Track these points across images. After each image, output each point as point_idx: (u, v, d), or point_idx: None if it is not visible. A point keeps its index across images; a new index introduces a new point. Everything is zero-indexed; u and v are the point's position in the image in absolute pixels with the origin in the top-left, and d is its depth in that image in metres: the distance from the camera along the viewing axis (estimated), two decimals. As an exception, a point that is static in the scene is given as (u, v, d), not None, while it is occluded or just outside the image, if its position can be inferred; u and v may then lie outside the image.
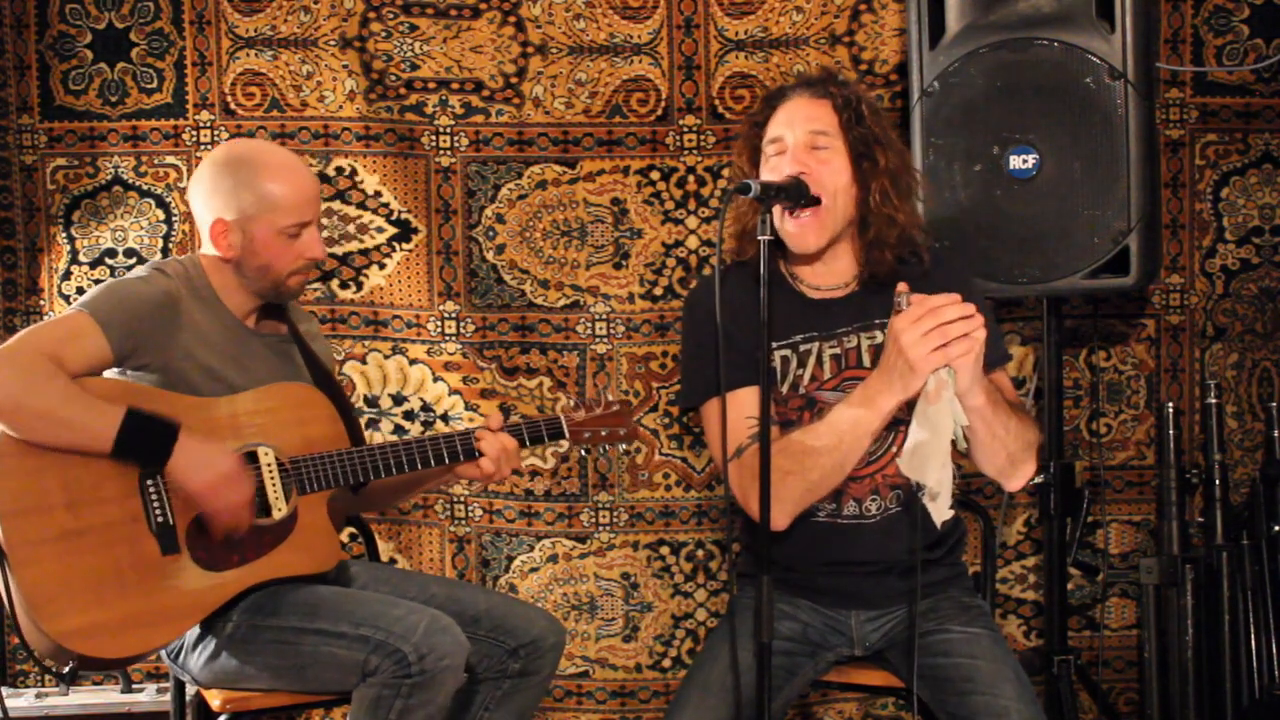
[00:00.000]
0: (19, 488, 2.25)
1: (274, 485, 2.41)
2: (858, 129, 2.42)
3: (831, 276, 2.50)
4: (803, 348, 2.46)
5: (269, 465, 2.41)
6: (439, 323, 3.36)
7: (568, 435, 2.58)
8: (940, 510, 2.21)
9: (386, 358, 3.38)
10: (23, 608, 2.25)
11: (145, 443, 2.28)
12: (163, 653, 2.51)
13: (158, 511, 2.32)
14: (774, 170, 2.42)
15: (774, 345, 2.44)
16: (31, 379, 2.23)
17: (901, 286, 2.19)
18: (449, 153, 3.36)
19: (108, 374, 2.40)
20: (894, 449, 2.42)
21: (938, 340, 2.14)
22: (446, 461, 2.51)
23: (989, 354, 2.34)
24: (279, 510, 2.41)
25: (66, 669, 2.29)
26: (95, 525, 2.28)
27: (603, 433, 2.60)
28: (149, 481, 2.31)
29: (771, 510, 2.16)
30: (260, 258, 2.48)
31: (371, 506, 2.91)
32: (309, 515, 2.45)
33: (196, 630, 2.43)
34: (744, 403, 2.39)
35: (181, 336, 2.41)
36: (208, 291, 2.50)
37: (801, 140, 2.41)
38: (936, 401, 2.17)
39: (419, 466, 2.50)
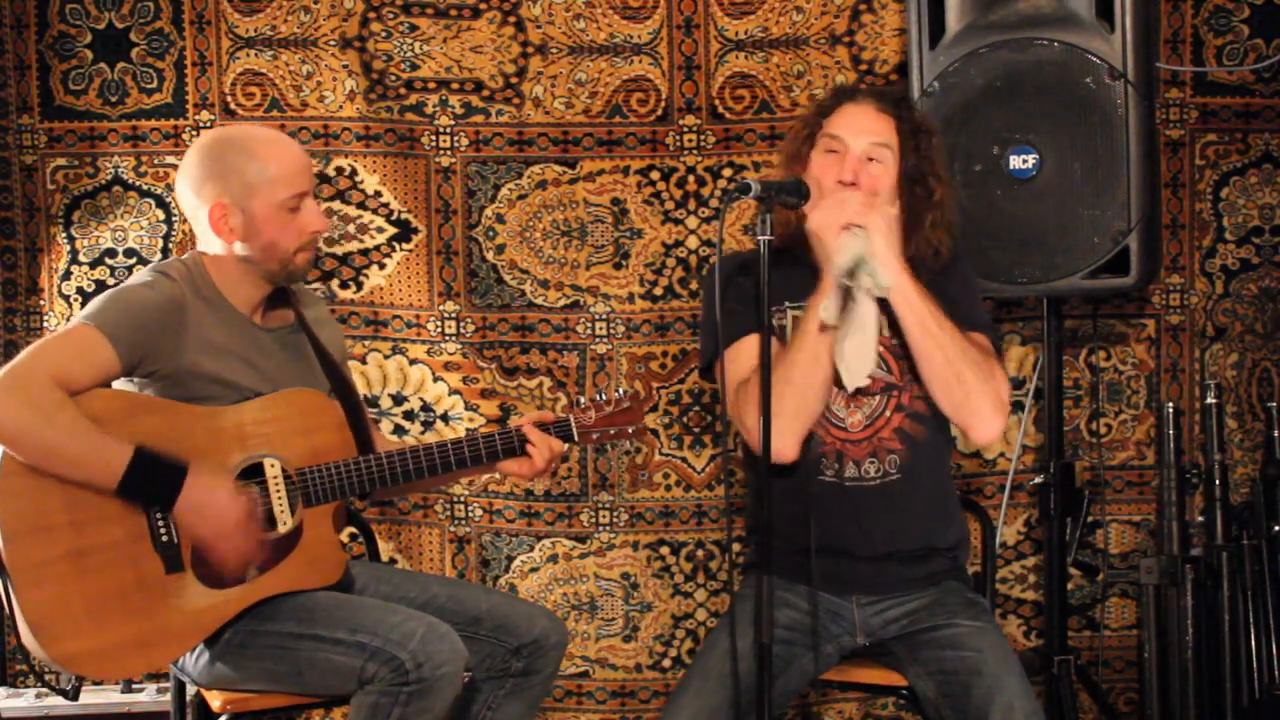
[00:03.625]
0: (23, 508, 2.23)
1: (280, 498, 2.39)
2: (914, 155, 2.56)
3: None
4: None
5: (275, 478, 2.39)
6: (439, 323, 3.36)
7: (576, 437, 2.57)
8: (852, 376, 2.45)
9: (386, 358, 3.38)
10: (26, 630, 2.24)
11: (151, 484, 2.26)
12: (163, 654, 2.51)
13: (162, 530, 2.30)
14: (825, 167, 2.54)
15: (788, 305, 2.57)
16: (40, 410, 2.20)
17: None
18: (449, 153, 3.36)
19: (116, 383, 2.39)
20: (887, 413, 2.53)
21: (837, 210, 2.44)
22: (426, 475, 2.51)
23: (966, 314, 2.55)
24: (284, 524, 2.39)
25: (70, 686, 2.29)
26: (99, 545, 2.26)
27: (611, 431, 2.58)
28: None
29: (777, 431, 2.27)
30: (264, 235, 2.43)
31: (401, 493, 2.92)
32: (314, 528, 2.43)
33: (195, 632, 2.42)
34: (754, 348, 2.48)
35: (189, 343, 2.37)
36: (211, 291, 2.45)
37: (860, 151, 2.54)
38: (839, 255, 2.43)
39: (426, 475, 2.49)
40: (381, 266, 3.37)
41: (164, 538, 2.30)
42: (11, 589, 2.23)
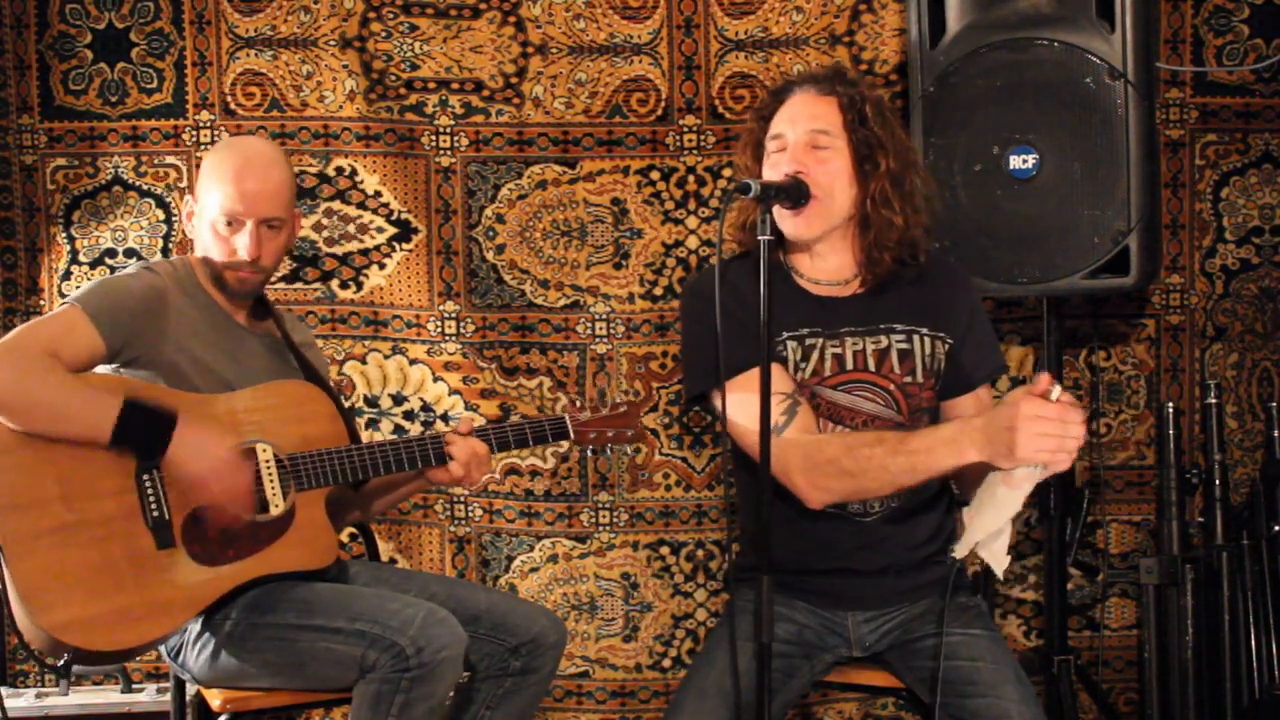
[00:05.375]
0: (15, 482, 2.26)
1: (271, 482, 2.42)
2: (861, 130, 2.41)
3: (829, 272, 2.50)
4: (808, 341, 2.46)
5: (266, 462, 2.42)
6: (439, 323, 3.36)
7: (572, 435, 2.59)
8: (999, 566, 2.25)
9: (386, 358, 3.38)
10: (17, 600, 2.27)
11: (143, 433, 2.30)
12: (163, 651, 2.51)
13: (153, 506, 2.32)
14: (774, 167, 2.42)
15: (785, 334, 2.44)
16: (30, 371, 2.25)
17: (1048, 379, 2.11)
18: (449, 153, 3.36)
19: (103, 371, 2.41)
20: None
21: (1052, 445, 2.07)
22: (420, 465, 2.53)
23: (985, 364, 2.45)
24: (276, 506, 2.42)
25: (61, 662, 2.30)
26: (90, 519, 2.29)
27: (609, 433, 2.61)
28: (145, 476, 2.33)
29: (813, 493, 2.28)
30: (201, 242, 2.55)
31: (364, 511, 2.90)
32: (306, 512, 2.45)
33: (196, 628, 2.43)
34: (770, 379, 2.32)
35: (171, 329, 2.43)
36: (196, 289, 2.53)
37: (802, 139, 2.41)
38: (1013, 488, 2.16)
39: (406, 468, 2.52)
40: (381, 266, 3.37)
41: (155, 513, 2.33)
42: (3, 560, 2.26)
